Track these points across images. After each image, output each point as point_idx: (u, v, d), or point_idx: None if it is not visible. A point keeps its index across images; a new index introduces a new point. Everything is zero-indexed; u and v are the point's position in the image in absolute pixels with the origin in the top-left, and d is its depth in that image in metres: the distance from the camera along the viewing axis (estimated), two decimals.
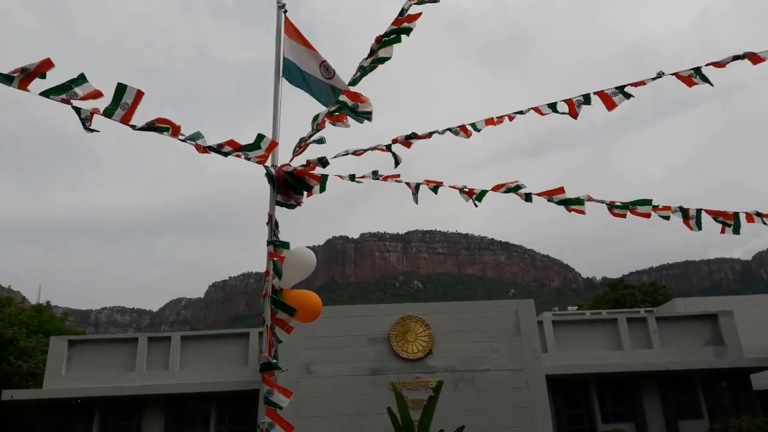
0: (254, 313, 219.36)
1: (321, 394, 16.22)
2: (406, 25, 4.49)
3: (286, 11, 6.50)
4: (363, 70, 4.99)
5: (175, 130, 4.17)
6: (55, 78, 3.56)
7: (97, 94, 3.88)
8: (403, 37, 4.62)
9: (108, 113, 3.87)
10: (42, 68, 3.57)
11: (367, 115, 5.30)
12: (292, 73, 6.28)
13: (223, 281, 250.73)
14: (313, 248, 5.45)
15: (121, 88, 3.91)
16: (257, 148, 4.91)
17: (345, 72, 6.07)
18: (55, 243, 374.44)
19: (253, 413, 17.75)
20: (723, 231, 6.86)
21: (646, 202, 7.07)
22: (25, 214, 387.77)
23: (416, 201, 5.88)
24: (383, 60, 4.84)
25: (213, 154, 4.99)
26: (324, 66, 6.26)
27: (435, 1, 4.31)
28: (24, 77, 3.57)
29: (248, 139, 4.63)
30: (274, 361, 5.41)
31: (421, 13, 4.47)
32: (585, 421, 18.25)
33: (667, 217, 6.28)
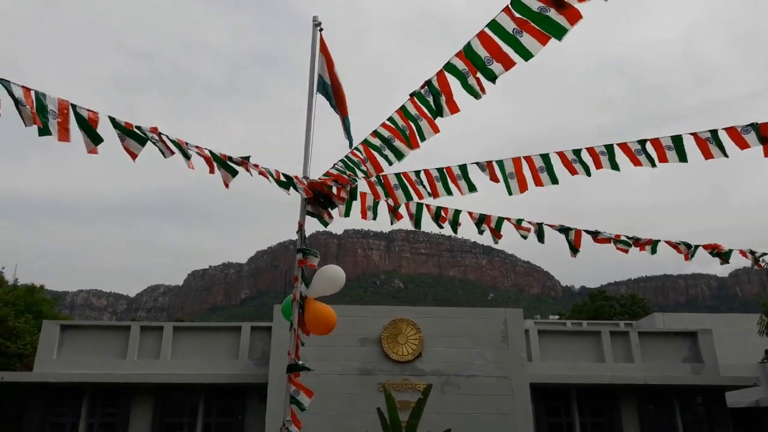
0: (232, 304, 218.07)
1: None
2: (445, 107, 4.63)
3: (322, 29, 6.69)
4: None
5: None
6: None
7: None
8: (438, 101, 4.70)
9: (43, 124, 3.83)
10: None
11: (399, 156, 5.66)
12: (325, 90, 6.52)
13: (202, 270, 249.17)
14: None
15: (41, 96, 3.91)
16: (292, 187, 5.37)
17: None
18: (29, 221, 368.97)
19: (240, 406, 18.00)
20: (687, 258, 7.38)
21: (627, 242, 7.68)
22: None
23: (455, 231, 6.40)
24: (421, 136, 5.08)
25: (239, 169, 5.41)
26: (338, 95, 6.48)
27: (477, 98, 4.29)
28: None
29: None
30: (301, 362, 5.76)
31: (459, 111, 4.58)
32: (564, 430, 18.73)
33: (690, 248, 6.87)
